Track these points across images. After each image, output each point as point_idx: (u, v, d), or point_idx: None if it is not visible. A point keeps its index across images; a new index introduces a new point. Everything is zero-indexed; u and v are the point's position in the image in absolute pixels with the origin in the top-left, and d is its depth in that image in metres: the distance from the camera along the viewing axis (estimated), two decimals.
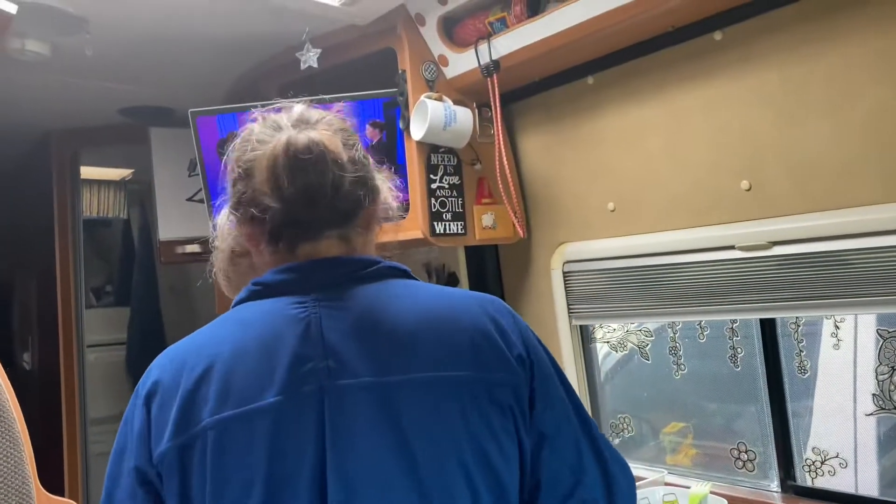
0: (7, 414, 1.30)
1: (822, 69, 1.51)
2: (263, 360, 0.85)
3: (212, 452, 0.82)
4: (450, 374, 0.87)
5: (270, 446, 0.82)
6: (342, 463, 0.82)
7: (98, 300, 4.39)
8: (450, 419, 0.85)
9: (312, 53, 2.03)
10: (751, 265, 1.67)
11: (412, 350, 0.87)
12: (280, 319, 0.88)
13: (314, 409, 0.83)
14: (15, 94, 2.68)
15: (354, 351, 0.86)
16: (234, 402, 0.83)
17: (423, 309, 0.91)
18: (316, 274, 0.91)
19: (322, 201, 0.91)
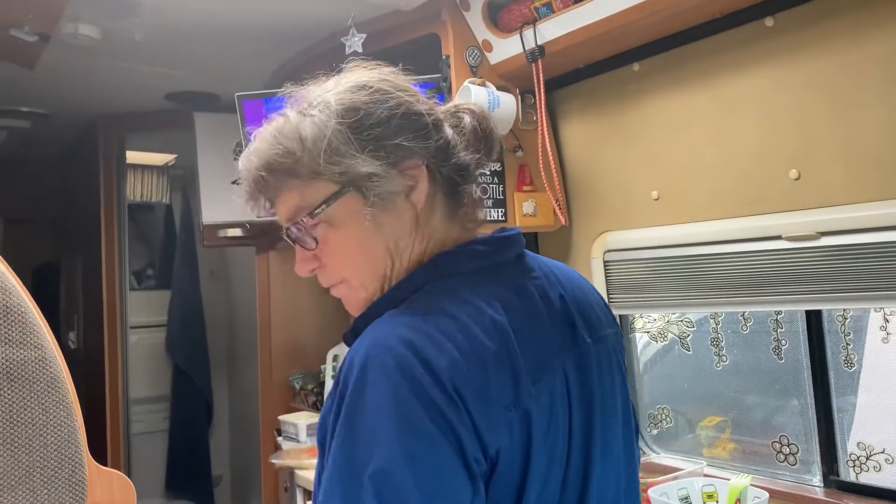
0: (61, 384, 1.34)
1: (879, 54, 1.47)
2: (534, 336, 0.84)
3: (541, 428, 0.79)
4: (612, 330, 0.99)
5: (551, 416, 0.81)
6: (585, 434, 0.87)
7: (140, 283, 4.49)
8: (618, 370, 0.98)
9: (357, 38, 2.04)
10: (798, 255, 1.64)
11: (592, 311, 0.96)
12: (525, 294, 0.88)
13: (563, 381, 0.87)
14: (68, 79, 2.75)
15: (574, 313, 0.93)
16: (536, 377, 0.80)
17: (571, 276, 0.99)
18: (509, 249, 0.92)
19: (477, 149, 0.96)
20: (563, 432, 0.81)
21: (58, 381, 1.34)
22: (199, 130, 2.92)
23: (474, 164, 0.91)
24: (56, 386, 1.34)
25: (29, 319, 1.31)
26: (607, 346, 0.93)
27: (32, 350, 1.29)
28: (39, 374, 1.31)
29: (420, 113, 0.88)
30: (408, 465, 0.69)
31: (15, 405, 1.27)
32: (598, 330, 0.92)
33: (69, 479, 1.35)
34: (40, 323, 1.35)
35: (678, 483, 1.77)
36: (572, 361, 0.85)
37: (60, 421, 1.33)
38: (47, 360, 1.33)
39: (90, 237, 3.52)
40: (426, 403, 0.71)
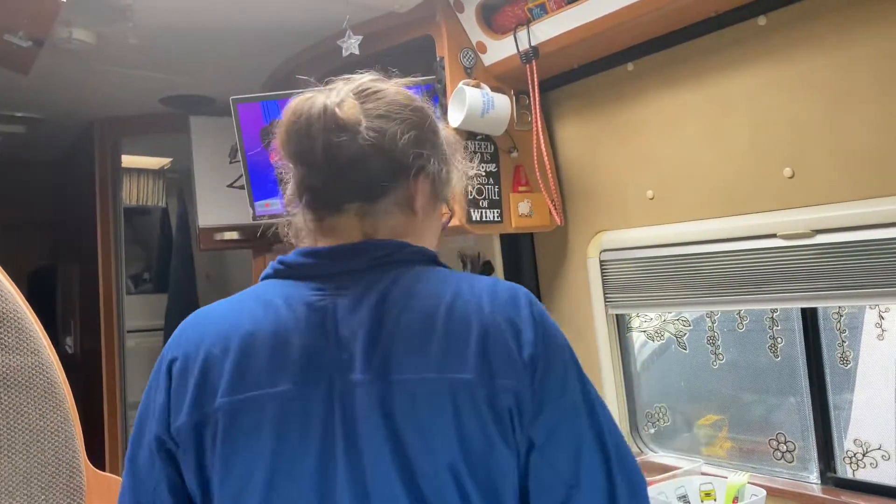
0: (58, 390, 1.35)
1: (872, 53, 1.48)
2: (278, 347, 0.86)
3: (222, 433, 0.84)
4: (453, 376, 0.83)
5: (277, 434, 0.83)
6: (350, 462, 0.82)
7: (137, 287, 4.49)
8: (445, 423, 0.82)
9: (354, 40, 2.04)
10: (793, 253, 1.65)
11: (420, 348, 0.84)
12: (299, 306, 0.88)
13: (323, 402, 0.83)
14: (63, 84, 2.75)
15: (366, 345, 0.85)
16: (246, 385, 0.84)
17: (437, 304, 0.87)
18: (338, 261, 0.91)
19: (321, 167, 0.90)
20: (232, 467, 0.84)
21: (55, 387, 1.34)
22: (194, 134, 2.93)
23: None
24: (53, 391, 1.34)
25: (25, 325, 1.31)
26: (407, 390, 0.83)
27: (29, 356, 1.30)
28: (36, 379, 1.31)
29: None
30: None
31: (12, 411, 1.27)
32: (397, 371, 0.83)
33: (67, 485, 1.35)
34: (37, 329, 1.35)
35: (676, 482, 1.77)
36: (308, 390, 0.84)
37: (58, 426, 1.33)
38: (44, 365, 1.33)
39: (86, 241, 3.51)
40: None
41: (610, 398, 2.09)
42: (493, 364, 0.83)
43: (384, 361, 0.84)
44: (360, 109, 0.91)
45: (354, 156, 0.90)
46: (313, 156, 0.90)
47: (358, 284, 0.89)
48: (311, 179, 0.92)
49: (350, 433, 0.82)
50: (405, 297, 0.87)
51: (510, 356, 0.84)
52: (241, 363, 0.85)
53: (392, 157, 0.91)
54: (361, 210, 0.92)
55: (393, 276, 0.89)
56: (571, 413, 0.86)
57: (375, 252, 0.91)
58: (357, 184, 0.92)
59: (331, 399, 0.83)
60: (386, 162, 0.91)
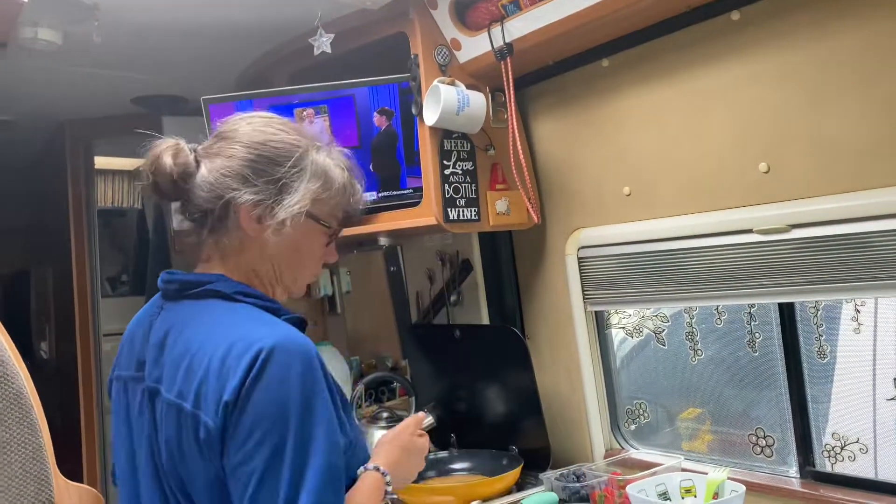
0: (25, 401, 1.31)
1: (845, 47, 1.47)
2: (132, 343, 1.19)
3: (112, 399, 1.23)
4: (178, 401, 1.02)
5: (119, 408, 1.19)
6: (139, 450, 1.13)
7: (114, 290, 4.42)
8: (164, 437, 1.05)
9: (325, 38, 2.01)
10: (769, 248, 1.65)
11: (167, 368, 1.07)
12: (145, 319, 1.18)
13: (135, 393, 1.14)
14: (30, 85, 2.70)
15: (151, 355, 1.11)
16: (118, 366, 1.23)
17: (191, 335, 1.06)
18: (167, 287, 1.17)
19: (186, 198, 1.16)
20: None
21: (21, 398, 1.31)
22: (167, 134, 2.86)
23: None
24: (19, 403, 1.31)
25: None
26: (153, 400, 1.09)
27: None
28: (1, 391, 1.27)
29: None
30: None
31: None
32: (149, 380, 1.11)
33: (35, 497, 1.32)
34: (1, 339, 1.32)
35: (656, 479, 1.77)
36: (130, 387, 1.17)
37: (24, 438, 1.30)
38: (9, 376, 1.30)
39: (60, 244, 3.45)
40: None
41: (590, 395, 2.08)
42: (205, 399, 0.99)
43: (159, 375, 1.09)
44: (191, 161, 1.18)
45: (190, 195, 1.18)
46: (167, 196, 1.21)
47: (170, 307, 1.16)
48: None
49: (134, 425, 1.14)
50: (185, 327, 1.10)
51: (215, 396, 0.98)
52: (121, 350, 1.24)
53: (212, 190, 1.13)
54: (210, 237, 1.18)
55: (187, 305, 1.14)
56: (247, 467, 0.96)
57: (183, 285, 1.16)
58: (195, 216, 1.18)
59: (135, 393, 1.15)
60: (209, 194, 1.13)
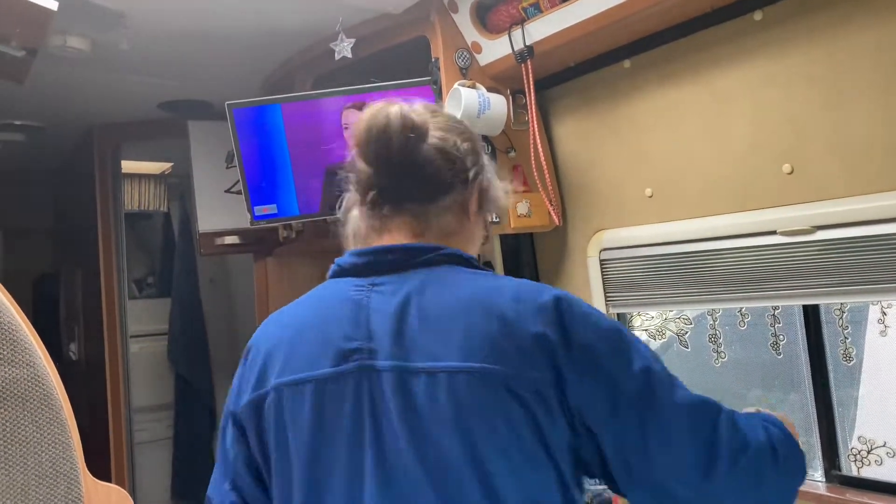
0: (54, 400, 1.34)
1: (870, 46, 1.46)
2: (320, 336, 0.96)
3: (273, 411, 0.96)
4: (471, 365, 0.87)
5: (315, 414, 0.93)
6: (379, 446, 0.89)
7: (140, 292, 4.49)
8: (466, 412, 0.87)
9: (346, 43, 2.03)
10: (793, 250, 1.63)
11: (440, 340, 0.90)
12: (340, 300, 0.98)
13: (353, 388, 0.92)
14: (60, 92, 2.75)
15: (392, 336, 0.91)
16: (292, 369, 0.96)
17: (457, 299, 0.93)
18: (379, 259, 0.99)
19: (394, 166, 0.99)
20: (284, 443, 0.95)
21: (51, 398, 1.34)
22: (192, 138, 2.92)
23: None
24: (49, 403, 1.33)
25: (20, 337, 1.31)
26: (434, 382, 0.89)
27: (24, 368, 1.29)
28: (32, 391, 1.30)
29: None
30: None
31: (8, 424, 1.26)
32: (420, 360, 0.90)
33: (65, 496, 1.34)
34: (31, 340, 1.34)
35: None
36: (338, 380, 0.93)
37: (55, 438, 1.33)
38: (39, 377, 1.32)
39: (88, 247, 3.51)
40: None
41: None
42: (516, 354, 0.87)
43: (405, 352, 0.90)
44: (429, 119, 1.02)
45: (424, 156, 1.00)
46: (388, 154, 0.99)
47: (392, 281, 0.96)
48: (379, 178, 1.01)
49: (376, 420, 0.90)
50: (434, 292, 0.94)
51: (533, 347, 0.88)
52: (291, 351, 0.98)
53: (453, 162, 1.02)
54: (418, 210, 1.01)
55: (425, 273, 0.97)
56: (607, 389, 0.89)
57: (412, 252, 0.99)
58: (422, 182, 1.01)
59: (360, 387, 0.91)
60: (448, 165, 1.01)
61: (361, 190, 1.03)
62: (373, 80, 2.14)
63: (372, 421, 0.90)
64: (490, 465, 0.86)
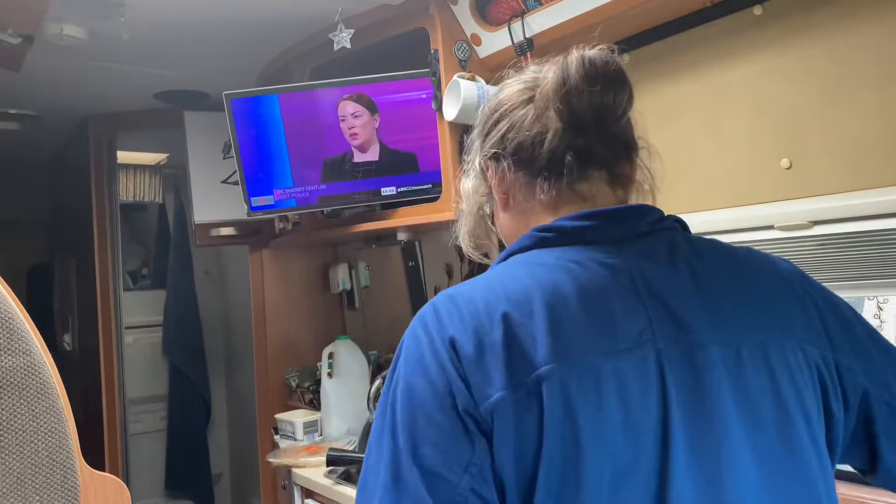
0: (51, 389, 1.34)
1: (870, 42, 1.46)
2: (595, 308, 0.75)
3: (559, 401, 0.71)
4: (799, 339, 0.79)
5: (622, 404, 0.72)
6: (692, 440, 0.73)
7: (135, 283, 4.48)
8: (805, 387, 0.78)
9: (345, 34, 2.02)
10: (791, 245, 1.64)
11: (751, 310, 0.79)
12: (599, 268, 0.78)
13: (655, 369, 0.74)
14: (56, 80, 2.74)
15: (693, 309, 0.77)
16: (572, 351, 0.72)
17: (738, 267, 0.84)
18: (619, 223, 0.82)
19: (611, 125, 0.86)
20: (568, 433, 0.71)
21: (47, 387, 1.33)
22: (189, 129, 2.91)
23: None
24: (46, 392, 1.33)
25: (16, 325, 1.30)
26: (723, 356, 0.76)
27: (20, 357, 1.29)
28: (28, 380, 1.30)
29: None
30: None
31: (4, 412, 1.26)
32: (741, 332, 0.78)
33: (61, 485, 1.34)
34: (28, 328, 1.34)
35: None
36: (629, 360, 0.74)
37: (51, 427, 1.33)
38: (36, 366, 1.32)
39: (83, 238, 3.50)
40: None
41: None
42: (820, 325, 0.82)
43: (719, 326, 0.77)
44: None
45: (623, 113, 0.86)
46: (610, 108, 0.84)
47: (651, 248, 0.81)
48: (572, 139, 0.84)
49: (693, 410, 0.73)
50: (711, 258, 0.83)
51: (816, 317, 0.83)
52: (555, 327, 0.73)
53: (632, 126, 0.91)
54: (608, 176, 0.87)
55: (673, 239, 0.84)
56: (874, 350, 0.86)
57: (650, 216, 0.85)
58: (620, 144, 0.88)
59: (661, 367, 0.74)
60: (632, 128, 0.91)
61: (541, 154, 0.86)
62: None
63: (682, 415, 0.73)
64: (821, 454, 0.78)
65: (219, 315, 4.47)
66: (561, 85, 0.84)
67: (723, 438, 0.73)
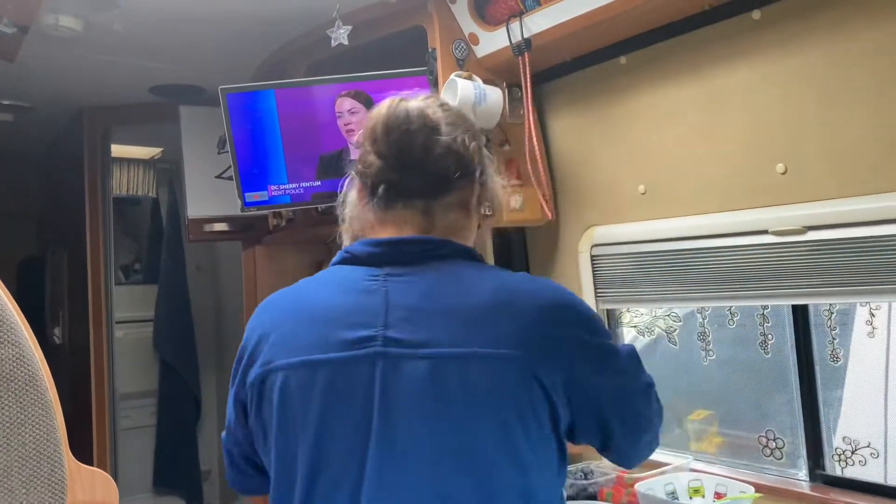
0: (40, 381, 1.32)
1: (866, 50, 1.46)
2: (333, 321, 0.97)
3: (280, 390, 0.97)
4: (501, 351, 0.92)
5: (325, 396, 0.94)
6: (388, 429, 0.91)
7: (127, 277, 4.46)
8: (493, 396, 0.91)
9: (343, 30, 2.02)
10: (784, 250, 1.64)
11: (464, 328, 0.93)
12: (355, 288, 1.00)
13: (367, 372, 0.93)
14: (51, 72, 2.72)
15: (413, 324, 0.94)
16: (301, 350, 0.97)
17: (476, 292, 0.97)
18: (395, 250, 1.01)
19: (410, 161, 1.02)
20: (288, 424, 0.97)
21: (36, 379, 1.32)
22: (184, 124, 2.90)
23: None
24: (34, 384, 1.32)
25: (5, 316, 1.29)
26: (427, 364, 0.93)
27: (9, 348, 1.27)
28: (17, 372, 1.29)
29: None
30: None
31: None
32: (443, 346, 0.93)
33: (48, 478, 1.33)
34: (17, 320, 1.33)
35: (664, 478, 1.77)
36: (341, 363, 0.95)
37: (38, 419, 1.31)
38: (25, 357, 1.31)
39: (75, 231, 3.48)
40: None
41: None
42: (535, 343, 0.93)
43: (430, 338, 0.93)
44: (442, 113, 1.05)
45: (437, 153, 1.02)
46: (408, 149, 1.02)
47: (409, 272, 0.99)
48: (390, 172, 1.03)
49: (392, 404, 0.92)
50: (454, 285, 0.98)
51: (549, 337, 0.94)
52: (300, 331, 0.99)
53: (461, 159, 1.04)
54: (425, 206, 1.04)
55: (439, 265, 1.01)
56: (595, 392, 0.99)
57: (425, 245, 1.02)
58: (431, 179, 1.03)
59: (373, 372, 0.93)
60: (457, 162, 1.04)
61: (370, 183, 1.05)
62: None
63: (383, 406, 0.92)
64: (521, 446, 0.91)
65: (210, 311, 4.45)
66: (372, 130, 1.05)
67: (408, 437, 0.91)
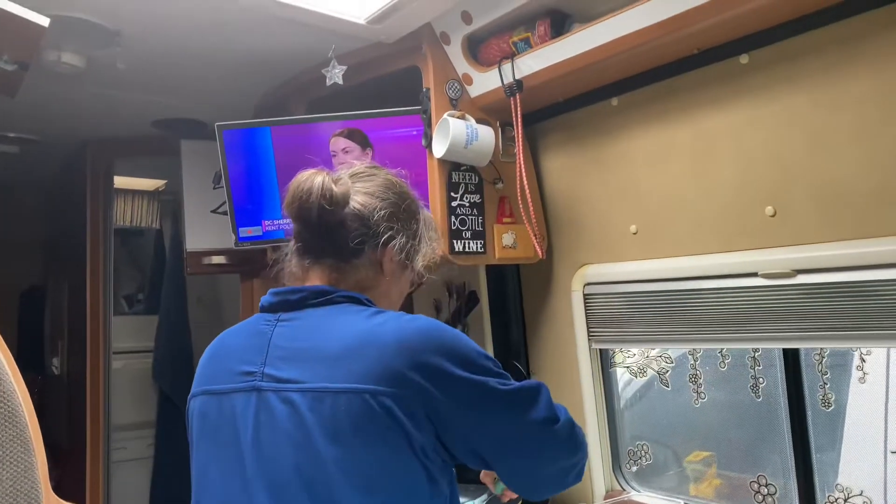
0: (19, 418, 1.32)
1: (853, 93, 1.47)
2: (233, 358, 1.16)
3: (192, 415, 1.20)
4: (355, 386, 1.02)
5: (216, 420, 1.13)
6: (258, 454, 1.06)
7: (129, 308, 4.47)
8: (340, 425, 1.01)
9: (338, 70, 2.04)
10: (774, 293, 1.63)
11: (330, 365, 1.05)
12: (253, 331, 1.18)
13: (242, 403, 1.10)
14: (55, 106, 2.76)
15: (283, 361, 1.09)
16: (207, 381, 1.19)
17: (346, 331, 1.08)
18: (288, 298, 1.16)
19: (311, 228, 1.17)
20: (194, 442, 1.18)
21: (15, 416, 1.32)
22: (184, 157, 2.93)
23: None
24: (13, 420, 1.32)
25: None
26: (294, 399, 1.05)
27: None
28: None
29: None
30: None
31: None
32: (305, 381, 1.05)
33: None
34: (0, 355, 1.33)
35: None
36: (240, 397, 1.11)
37: (16, 456, 1.31)
38: (5, 394, 1.31)
39: (77, 261, 3.50)
40: None
41: (592, 433, 2.05)
42: (391, 376, 1.02)
43: (289, 374, 1.07)
44: (351, 188, 1.18)
45: (338, 222, 1.16)
46: (308, 217, 1.16)
47: (296, 316, 1.14)
48: (303, 234, 1.20)
49: (256, 432, 1.07)
50: (328, 325, 1.11)
51: (405, 369, 1.02)
52: (214, 367, 1.20)
53: (368, 227, 1.18)
54: (334, 264, 1.19)
55: (325, 310, 1.14)
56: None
57: (316, 293, 1.16)
58: (335, 244, 1.18)
59: (248, 403, 1.09)
60: (362, 230, 1.17)
61: (293, 239, 1.22)
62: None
63: (253, 433, 1.07)
64: (369, 471, 1.01)
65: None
66: (286, 195, 1.18)
67: (271, 456, 1.05)
